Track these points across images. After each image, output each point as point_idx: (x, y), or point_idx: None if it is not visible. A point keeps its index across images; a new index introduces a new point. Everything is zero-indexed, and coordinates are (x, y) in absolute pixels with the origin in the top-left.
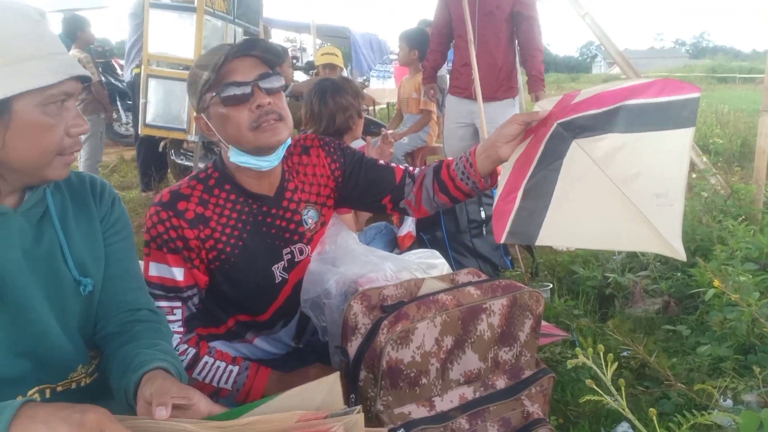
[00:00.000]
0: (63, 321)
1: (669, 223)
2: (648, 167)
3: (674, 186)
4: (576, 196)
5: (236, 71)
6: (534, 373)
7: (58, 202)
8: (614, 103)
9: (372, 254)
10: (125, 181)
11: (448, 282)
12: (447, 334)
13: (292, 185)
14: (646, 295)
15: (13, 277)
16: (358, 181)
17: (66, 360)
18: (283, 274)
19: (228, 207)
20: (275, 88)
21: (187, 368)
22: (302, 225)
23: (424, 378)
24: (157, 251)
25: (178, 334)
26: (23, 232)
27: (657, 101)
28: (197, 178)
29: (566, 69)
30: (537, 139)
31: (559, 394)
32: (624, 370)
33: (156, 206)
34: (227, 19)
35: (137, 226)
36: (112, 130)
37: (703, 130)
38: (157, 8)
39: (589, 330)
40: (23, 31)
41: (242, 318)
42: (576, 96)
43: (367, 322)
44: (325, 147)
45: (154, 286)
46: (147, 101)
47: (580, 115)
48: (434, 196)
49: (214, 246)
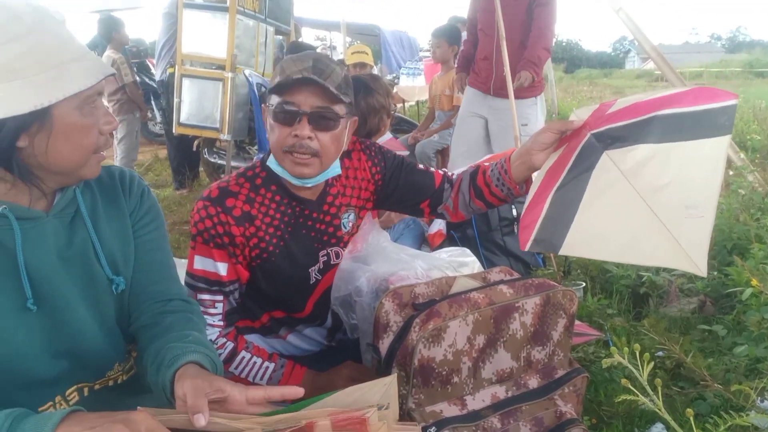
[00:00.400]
0: (99, 320)
1: (696, 235)
2: (679, 177)
3: (706, 197)
4: (601, 208)
5: (300, 94)
6: (567, 372)
7: (89, 200)
8: (648, 113)
9: (403, 252)
10: (160, 180)
11: (480, 280)
12: (479, 333)
13: (334, 190)
14: (681, 294)
15: (49, 279)
16: (397, 184)
17: (103, 358)
18: (317, 276)
19: (272, 207)
20: (326, 124)
21: (225, 362)
22: (340, 229)
23: (456, 376)
24: (203, 245)
25: (218, 328)
26: (57, 234)
27: (692, 110)
28: (245, 176)
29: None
30: (570, 148)
31: (593, 394)
32: (659, 370)
33: (204, 201)
34: (259, 18)
35: (171, 224)
36: (146, 129)
37: (740, 126)
38: (190, 8)
39: (623, 329)
40: (61, 36)
41: (276, 314)
42: (612, 105)
43: (398, 320)
44: (366, 150)
45: (198, 279)
46: (181, 100)
47: (614, 125)
48: (470, 201)
49: (258, 244)
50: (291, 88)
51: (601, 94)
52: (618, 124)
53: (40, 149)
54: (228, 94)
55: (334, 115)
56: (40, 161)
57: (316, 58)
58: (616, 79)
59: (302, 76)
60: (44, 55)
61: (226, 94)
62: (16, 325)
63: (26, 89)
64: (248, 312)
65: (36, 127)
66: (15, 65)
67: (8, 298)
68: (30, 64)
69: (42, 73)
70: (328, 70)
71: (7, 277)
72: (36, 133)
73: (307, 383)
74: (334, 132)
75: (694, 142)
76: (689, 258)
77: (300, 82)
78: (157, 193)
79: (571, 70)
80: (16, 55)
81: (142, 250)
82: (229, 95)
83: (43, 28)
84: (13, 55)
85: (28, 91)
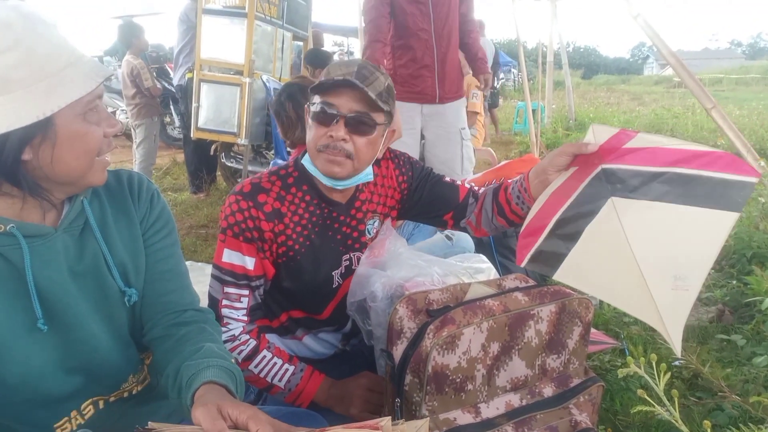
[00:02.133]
0: (113, 333)
1: (677, 308)
2: (677, 246)
3: (697, 272)
4: (596, 253)
5: (341, 96)
6: (582, 381)
7: (97, 210)
8: (664, 166)
9: (419, 258)
10: (177, 183)
11: (495, 287)
12: (494, 340)
13: (363, 195)
14: (699, 303)
15: (60, 297)
16: (422, 194)
17: (118, 371)
18: (339, 280)
19: (302, 206)
20: (363, 129)
21: (246, 359)
22: (365, 235)
23: (470, 384)
24: (232, 239)
25: (242, 323)
26: (67, 249)
27: (710, 175)
28: (277, 174)
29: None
30: (579, 174)
31: (608, 404)
32: (676, 380)
33: (237, 195)
34: (276, 24)
35: (188, 227)
36: (165, 134)
37: (761, 133)
38: (209, 14)
39: (639, 338)
40: (54, 41)
41: (295, 314)
42: (632, 138)
43: (412, 326)
44: (394, 159)
45: (225, 272)
46: (199, 105)
47: (627, 167)
48: (493, 217)
49: (285, 242)
50: (332, 90)
51: (618, 100)
52: (632, 168)
53: (45, 160)
54: (245, 99)
55: (371, 121)
56: (45, 173)
57: (362, 65)
58: (634, 85)
59: (344, 79)
60: (40, 63)
61: (243, 99)
62: (29, 345)
63: (26, 100)
64: (267, 310)
65: (40, 138)
66: (11, 76)
67: (20, 318)
68: (27, 73)
69: (40, 81)
70: (372, 77)
71: (18, 297)
72: (40, 144)
73: (323, 390)
74: (370, 137)
75: (703, 210)
76: (666, 330)
77: (341, 84)
78: (175, 197)
79: (589, 76)
80: (11, 66)
81: (154, 258)
82: (246, 100)
83: (35, 34)
84: (7, 65)
85: (28, 102)
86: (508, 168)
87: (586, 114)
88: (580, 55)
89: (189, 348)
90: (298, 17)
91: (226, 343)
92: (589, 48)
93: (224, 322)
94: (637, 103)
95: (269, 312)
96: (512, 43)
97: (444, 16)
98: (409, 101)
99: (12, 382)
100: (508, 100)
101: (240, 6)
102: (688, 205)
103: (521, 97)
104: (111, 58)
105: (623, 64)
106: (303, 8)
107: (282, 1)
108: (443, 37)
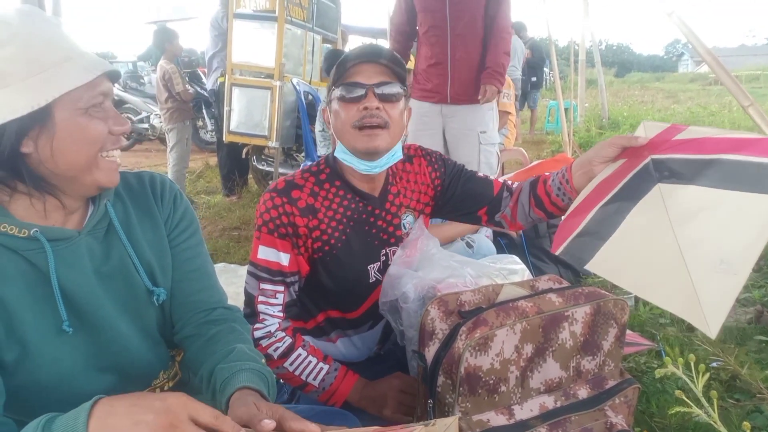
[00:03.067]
0: (142, 333)
1: (720, 293)
2: (723, 230)
3: (745, 257)
4: (635, 240)
5: (360, 73)
6: (618, 383)
7: (120, 212)
8: (713, 153)
9: (452, 259)
10: (210, 186)
11: (528, 288)
12: (527, 342)
13: (394, 189)
14: (737, 303)
15: (88, 299)
16: (455, 191)
17: (148, 369)
18: (378, 275)
19: (336, 201)
20: (390, 95)
21: (281, 356)
22: (400, 229)
23: (503, 385)
24: (267, 235)
25: (278, 318)
26: (92, 251)
27: (758, 161)
28: (310, 171)
29: (650, 68)
30: (627, 166)
31: (644, 405)
32: (713, 381)
33: (271, 192)
34: (306, 27)
35: (221, 229)
36: (198, 137)
37: None
38: (240, 18)
39: (675, 340)
40: (52, 36)
41: (332, 314)
42: (682, 131)
43: (444, 328)
44: (426, 156)
45: (261, 268)
46: (231, 109)
47: (676, 156)
48: (530, 211)
49: (320, 237)
50: (352, 69)
51: (652, 98)
52: (681, 156)
53: (45, 153)
54: (276, 102)
55: (396, 88)
56: (49, 168)
57: (369, 44)
58: (669, 83)
59: (362, 53)
60: (36, 56)
61: (274, 103)
62: (59, 347)
63: (21, 92)
64: (304, 311)
65: (37, 129)
66: (6, 69)
67: (48, 321)
68: (22, 66)
69: (36, 75)
70: (385, 51)
71: (46, 300)
72: (38, 136)
73: (357, 391)
74: (399, 106)
75: (751, 195)
76: (703, 315)
77: (359, 61)
78: (208, 200)
79: (622, 74)
80: (7, 59)
81: (180, 258)
82: (277, 103)
83: (32, 30)
84: (3, 59)
85: (23, 94)
86: (540, 168)
87: (620, 113)
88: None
89: (221, 349)
90: (328, 20)
91: (262, 340)
92: (622, 45)
93: (260, 318)
94: (672, 101)
95: (305, 312)
96: (544, 42)
97: (462, 15)
98: (427, 101)
99: (46, 383)
100: (541, 99)
101: (270, 10)
102: (737, 191)
103: (553, 95)
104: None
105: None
106: (332, 11)
107: (312, 5)
108: (460, 36)
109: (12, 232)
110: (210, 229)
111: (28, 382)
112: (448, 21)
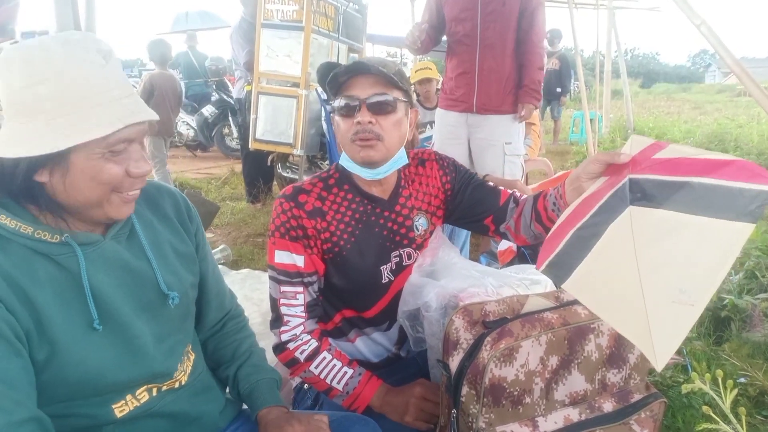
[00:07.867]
0: (158, 332)
1: (676, 324)
2: (686, 257)
3: (705, 286)
4: (602, 263)
5: (353, 87)
6: (644, 397)
7: (141, 218)
8: (685, 176)
9: (473, 269)
10: (235, 193)
11: (553, 300)
12: (552, 354)
13: (406, 192)
14: (765, 318)
15: (113, 300)
16: (464, 197)
17: (165, 366)
18: (390, 276)
19: (344, 204)
20: (384, 107)
21: (307, 359)
22: (412, 230)
23: (527, 397)
24: (281, 239)
25: (301, 318)
26: (116, 254)
27: (727, 185)
28: (319, 177)
29: (677, 79)
30: (607, 184)
31: (670, 420)
32: (741, 397)
33: (280, 198)
34: (332, 37)
35: (245, 236)
36: (224, 144)
37: None
38: (267, 28)
39: (702, 354)
40: (85, 77)
41: (347, 313)
42: (663, 149)
43: (469, 338)
44: (439, 161)
45: (280, 272)
46: (257, 117)
47: (650, 177)
48: (531, 224)
49: (329, 238)
50: (347, 83)
51: (679, 110)
52: (655, 177)
53: (58, 187)
54: (302, 110)
55: (390, 99)
56: (63, 198)
57: (363, 58)
58: (696, 93)
59: (353, 66)
60: (70, 98)
61: (299, 111)
62: (86, 346)
63: (44, 132)
64: (322, 313)
65: (52, 165)
66: (40, 106)
67: (79, 321)
68: (54, 106)
69: (64, 116)
70: (378, 62)
71: (75, 301)
72: (52, 171)
73: (379, 396)
74: (394, 116)
75: (717, 222)
76: (652, 346)
77: (352, 73)
78: (233, 206)
79: (648, 84)
80: (43, 96)
81: (202, 266)
82: (302, 112)
83: (73, 70)
84: (39, 95)
85: (45, 135)
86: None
87: (645, 124)
88: (639, 63)
89: (238, 351)
90: (354, 30)
91: (289, 343)
92: (648, 56)
93: (285, 320)
94: (698, 113)
95: (324, 314)
96: (569, 52)
97: (494, 25)
98: (453, 110)
99: (72, 381)
100: (565, 109)
101: (297, 20)
102: (703, 216)
103: (578, 106)
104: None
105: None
106: (358, 21)
107: (338, 15)
108: (489, 47)
109: (45, 238)
110: (234, 235)
111: (56, 379)
112: (478, 31)
